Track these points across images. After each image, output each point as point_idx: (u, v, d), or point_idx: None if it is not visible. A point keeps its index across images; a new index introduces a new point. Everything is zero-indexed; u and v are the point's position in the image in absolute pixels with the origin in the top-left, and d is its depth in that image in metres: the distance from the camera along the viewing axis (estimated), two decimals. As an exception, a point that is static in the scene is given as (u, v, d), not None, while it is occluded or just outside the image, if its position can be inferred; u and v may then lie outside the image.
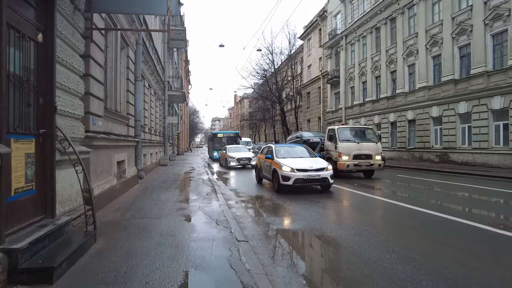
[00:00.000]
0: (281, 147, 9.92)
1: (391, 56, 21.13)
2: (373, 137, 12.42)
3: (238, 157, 16.76)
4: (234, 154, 17.10)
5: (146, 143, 12.33)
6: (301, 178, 7.89)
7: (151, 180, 10.16)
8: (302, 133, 15.73)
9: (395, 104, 20.75)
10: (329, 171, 8.20)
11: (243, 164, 16.83)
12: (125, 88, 8.27)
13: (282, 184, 8.05)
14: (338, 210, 6.47)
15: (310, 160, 8.77)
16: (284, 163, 8.26)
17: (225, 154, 17.85)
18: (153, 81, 15.02)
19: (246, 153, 17.83)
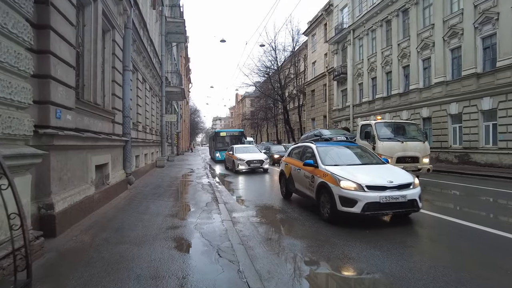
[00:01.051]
0: (327, 148, 6.52)
1: (404, 50, 19.79)
2: (418, 135, 10.24)
3: (248, 159, 14.20)
4: (243, 156, 14.49)
5: (139, 142, 11.07)
6: (376, 202, 4.69)
7: (142, 185, 8.89)
8: (320, 131, 13.66)
9: (408, 101, 19.42)
10: (416, 188, 5.07)
11: (254, 167, 14.30)
12: (110, 78, 6.99)
13: (341, 210, 4.89)
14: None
15: (382, 170, 5.57)
16: (343, 175, 5.08)
17: (232, 156, 15.17)
18: (149, 75, 13.76)
19: (257, 155, 15.10)
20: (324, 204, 5.33)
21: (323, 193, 5.37)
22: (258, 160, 14.39)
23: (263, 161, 14.44)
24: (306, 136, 14.82)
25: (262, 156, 15.02)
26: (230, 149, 16.30)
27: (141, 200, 6.67)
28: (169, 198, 6.92)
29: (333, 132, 13.77)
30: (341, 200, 4.87)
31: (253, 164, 14.21)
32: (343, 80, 27.38)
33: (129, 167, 8.06)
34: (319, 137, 12.48)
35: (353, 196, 4.77)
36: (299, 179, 6.52)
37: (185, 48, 37.33)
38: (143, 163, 11.88)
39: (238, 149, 15.79)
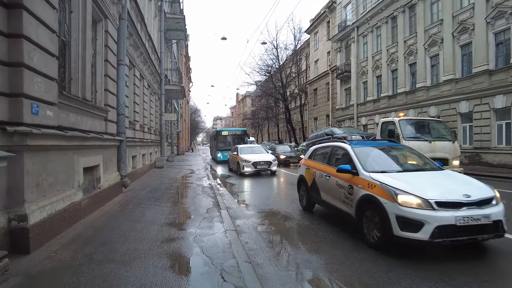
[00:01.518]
0: (367, 149, 5.08)
1: (410, 47, 19.19)
2: (446, 134, 9.36)
3: (254, 160, 12.83)
4: (249, 157, 13.13)
5: (136, 142, 10.50)
6: (451, 224, 3.43)
7: (139, 188, 8.31)
8: (332, 129, 12.47)
9: (415, 100, 18.82)
10: (499, 204, 3.81)
11: (261, 169, 12.99)
12: (103, 72, 6.42)
13: (398, 236, 3.58)
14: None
15: (449, 179, 4.33)
16: (400, 186, 3.77)
17: (236, 157, 13.81)
18: (147, 72, 13.18)
19: (264, 156, 13.77)
20: (370, 226, 3.94)
21: (368, 209, 4.00)
22: (266, 161, 12.98)
23: (270, 163, 13.01)
24: (316, 135, 13.72)
25: (269, 157, 13.55)
26: (234, 149, 14.76)
27: (136, 205, 6.09)
28: (167, 203, 6.34)
29: (346, 130, 12.74)
30: (399, 221, 3.52)
31: (260, 166, 12.85)
32: (346, 78, 26.79)
33: (124, 168, 7.49)
34: (331, 136, 11.40)
35: (419, 217, 3.43)
36: (328, 189, 5.10)
37: (185, 46, 36.80)
38: (140, 164, 11.31)
39: (243, 149, 14.34)
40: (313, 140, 13.38)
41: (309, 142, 13.79)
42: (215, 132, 24.50)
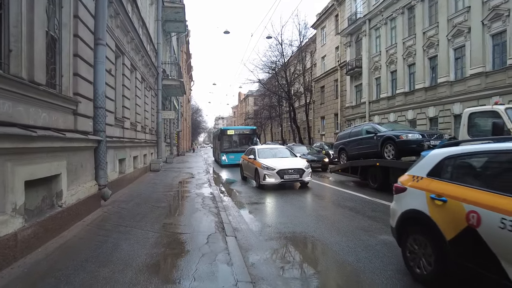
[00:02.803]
0: None
1: (431, 39, 17.54)
2: None
3: (280, 167, 9.16)
4: (272, 163, 9.46)
5: (125, 143, 8.94)
6: None
7: (124, 200, 6.73)
8: (374, 126, 9.82)
9: (436, 96, 17.17)
10: None
11: (290, 180, 9.29)
12: (71, 51, 4.86)
13: None
14: None
15: None
16: None
17: (253, 162, 10.15)
18: (140, 63, 11.62)
19: (293, 161, 9.87)
20: None
21: None
22: (296, 169, 9.26)
23: (303, 171, 9.27)
24: (349, 133, 11.21)
25: (300, 162, 9.76)
26: (250, 152, 11.21)
27: (112, 228, 4.51)
28: (154, 225, 4.75)
29: (391, 126, 9.97)
30: None
31: (288, 176, 9.11)
32: (357, 74, 25.16)
33: (104, 176, 5.91)
34: (374, 134, 9.30)
35: None
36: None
37: (186, 42, 35.30)
38: (131, 167, 9.75)
39: (262, 152, 10.69)
40: (345, 140, 11.32)
41: (340, 142, 11.77)
42: (219, 131, 20.98)
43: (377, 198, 7.59)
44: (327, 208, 6.80)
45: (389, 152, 8.56)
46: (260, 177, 9.38)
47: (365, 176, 9.71)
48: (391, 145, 8.47)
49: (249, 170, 10.76)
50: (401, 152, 8.19)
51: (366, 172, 9.61)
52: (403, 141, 8.08)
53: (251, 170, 10.37)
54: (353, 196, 8.11)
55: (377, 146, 8.98)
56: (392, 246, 4.08)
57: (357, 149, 10.30)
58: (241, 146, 18.86)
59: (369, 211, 6.25)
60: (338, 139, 12.26)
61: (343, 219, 5.60)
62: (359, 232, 4.75)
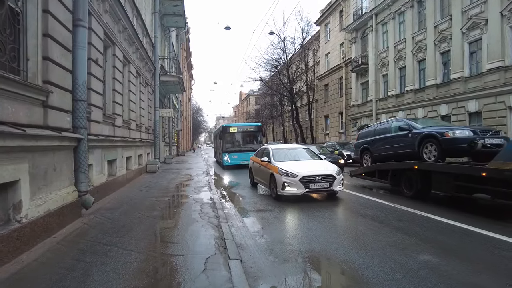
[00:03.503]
0: None
1: (443, 33, 16.62)
2: None
3: (304, 173, 7.09)
4: (292, 167, 7.35)
5: (115, 142, 8.07)
6: None
7: (110, 208, 5.85)
8: (408, 121, 8.28)
9: (449, 93, 16.25)
10: None
11: (317, 191, 7.23)
12: (39, 28, 3.98)
13: None
14: None
15: None
16: None
17: (268, 165, 8.08)
18: (135, 56, 10.75)
19: (319, 165, 7.72)
20: None
21: None
22: (325, 176, 7.12)
23: (333, 178, 7.14)
24: (374, 130, 9.72)
25: (329, 167, 7.52)
26: (262, 153, 9.14)
27: (87, 248, 3.63)
28: (140, 242, 3.87)
29: (427, 122, 8.66)
30: None
31: (315, 185, 7.01)
32: (363, 71, 24.26)
33: (85, 180, 5.04)
34: (408, 131, 7.90)
35: None
36: None
37: (186, 40, 34.44)
38: (123, 169, 8.87)
39: (278, 153, 8.53)
40: (368, 139, 9.85)
41: (362, 142, 10.25)
42: (220, 128, 19.12)
43: (413, 208, 6.30)
44: (349, 219, 5.82)
45: (430, 152, 7.17)
46: (277, 185, 7.22)
47: (396, 181, 8.11)
48: (433, 144, 7.10)
49: (261, 175, 8.70)
50: (446, 152, 6.85)
51: (399, 177, 8.01)
52: (449, 139, 6.73)
53: (264, 175, 8.33)
54: (380, 204, 6.84)
55: (413, 145, 7.59)
56: (440, 272, 3.19)
57: (385, 149, 8.90)
58: (245, 145, 17.56)
59: (404, 223, 5.22)
60: (359, 138, 10.74)
61: (370, 233, 4.68)
62: (392, 251, 3.86)
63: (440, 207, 6.46)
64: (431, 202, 7.00)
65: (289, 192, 7.07)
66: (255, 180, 9.56)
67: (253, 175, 9.72)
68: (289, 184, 7.04)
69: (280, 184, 7.14)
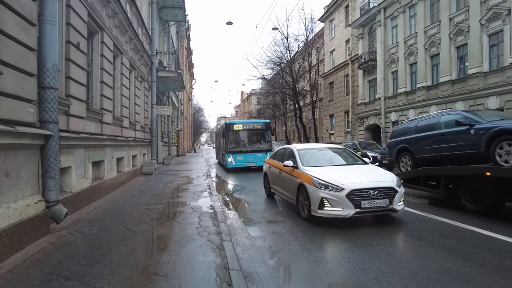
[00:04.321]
0: None
1: (459, 26, 15.58)
2: None
3: (353, 185, 4.94)
4: (331, 176, 5.24)
5: (103, 140, 7.08)
6: None
7: (90, 220, 4.86)
8: (466, 114, 6.63)
9: (465, 90, 15.21)
10: None
11: (373, 211, 5.00)
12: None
13: None
14: None
15: None
16: None
17: (294, 172, 5.98)
18: (128, 47, 9.77)
19: (368, 172, 5.66)
20: None
21: None
22: (382, 189, 5.04)
23: (394, 192, 5.11)
24: (414, 127, 8.00)
25: (385, 176, 5.54)
26: (283, 155, 7.06)
27: (40, 284, 2.64)
28: (115, 275, 2.86)
29: (490, 115, 6.79)
30: None
31: (369, 202, 4.90)
32: (370, 68, 23.23)
33: (55, 187, 4.06)
34: (468, 126, 6.20)
35: None
36: None
37: (186, 37, 33.49)
38: (113, 171, 7.88)
39: (306, 154, 6.43)
40: (408, 137, 8.13)
41: (398, 141, 8.55)
42: (224, 126, 16.73)
43: (483, 228, 4.70)
44: (391, 236, 4.49)
45: (508, 154, 5.42)
46: (312, 201, 5.08)
47: (453, 191, 6.40)
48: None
49: (283, 185, 6.58)
50: None
51: (456, 186, 6.36)
52: None
53: (288, 185, 6.23)
54: (450, 227, 4.95)
55: (477, 145, 5.93)
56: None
57: (433, 149, 7.11)
58: (251, 144, 15.79)
59: (476, 251, 3.77)
60: (394, 136, 9.04)
61: (431, 263, 3.48)
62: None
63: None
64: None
65: (331, 213, 4.89)
66: (273, 189, 7.40)
67: (270, 183, 7.56)
68: (331, 202, 4.88)
69: (317, 201, 4.99)
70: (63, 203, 4.76)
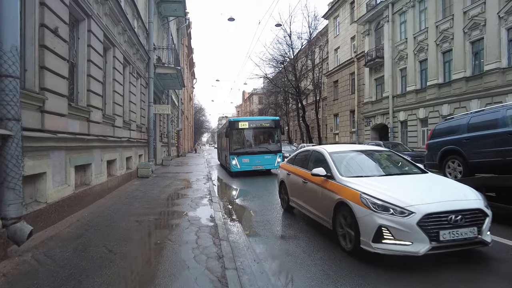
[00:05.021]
0: None
1: (474, 19, 14.71)
2: None
3: (427, 208, 3.30)
4: (389, 192, 3.63)
5: (91, 141, 6.27)
6: None
7: (63, 238, 4.03)
8: None
9: (481, 87, 14.35)
10: None
11: (455, 244, 3.27)
12: None
13: None
14: None
15: None
16: None
17: (330, 185, 4.29)
18: (121, 39, 8.96)
19: (440, 186, 4.02)
20: None
21: None
22: (467, 212, 3.39)
23: (484, 216, 3.48)
24: (466, 124, 6.57)
25: (469, 195, 3.70)
26: (308, 159, 5.51)
27: None
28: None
29: None
30: None
31: (449, 233, 3.24)
32: (377, 66, 22.39)
33: (16, 201, 3.25)
34: None
35: None
36: None
37: (187, 35, 32.67)
38: (102, 176, 7.07)
39: (342, 159, 4.77)
40: (457, 136, 6.76)
41: (443, 141, 7.20)
42: (227, 124, 14.69)
43: None
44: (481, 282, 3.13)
45: None
46: (364, 230, 3.52)
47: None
48: None
49: (310, 199, 4.97)
50: None
51: None
52: None
53: (318, 202, 4.64)
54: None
55: None
56: None
57: (500, 152, 5.64)
58: (258, 145, 13.98)
59: None
60: (436, 135, 7.64)
61: None
62: None
63: None
64: None
65: (393, 249, 3.31)
66: (293, 203, 5.76)
67: (289, 195, 5.93)
68: (394, 232, 3.31)
69: (371, 230, 3.42)
70: (34, 217, 3.97)
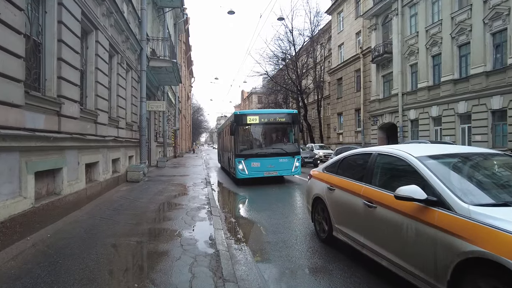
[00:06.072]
0: None
1: (496, 9, 13.56)
2: None
3: None
4: None
5: (65, 140, 5.04)
6: None
7: (2, 274, 2.82)
8: None
9: (504, 82, 13.21)
10: None
11: None
12: None
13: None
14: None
15: None
16: None
17: (455, 225, 2.22)
18: (107, 23, 7.71)
19: None
20: None
21: None
22: None
23: None
24: None
25: None
26: (365, 166, 3.60)
27: None
28: None
29: None
30: None
31: None
32: (385, 62, 21.22)
33: None
34: None
35: None
36: None
37: (185, 31, 31.38)
38: (80, 182, 5.84)
39: (451, 173, 2.83)
40: None
41: None
42: (232, 118, 11.61)
43: None
44: None
45: None
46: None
47: None
48: None
49: (386, 238, 2.94)
50: None
51: None
52: None
53: (412, 249, 2.59)
54: None
55: None
56: None
57: None
58: (272, 145, 11.05)
59: None
60: None
61: None
62: None
63: None
64: None
65: None
66: (340, 233, 3.82)
67: (334, 222, 3.94)
68: None
69: None
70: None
